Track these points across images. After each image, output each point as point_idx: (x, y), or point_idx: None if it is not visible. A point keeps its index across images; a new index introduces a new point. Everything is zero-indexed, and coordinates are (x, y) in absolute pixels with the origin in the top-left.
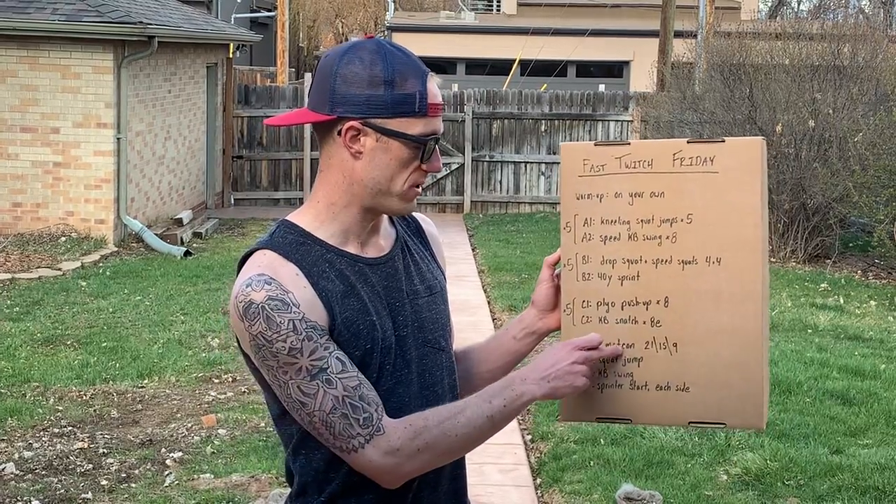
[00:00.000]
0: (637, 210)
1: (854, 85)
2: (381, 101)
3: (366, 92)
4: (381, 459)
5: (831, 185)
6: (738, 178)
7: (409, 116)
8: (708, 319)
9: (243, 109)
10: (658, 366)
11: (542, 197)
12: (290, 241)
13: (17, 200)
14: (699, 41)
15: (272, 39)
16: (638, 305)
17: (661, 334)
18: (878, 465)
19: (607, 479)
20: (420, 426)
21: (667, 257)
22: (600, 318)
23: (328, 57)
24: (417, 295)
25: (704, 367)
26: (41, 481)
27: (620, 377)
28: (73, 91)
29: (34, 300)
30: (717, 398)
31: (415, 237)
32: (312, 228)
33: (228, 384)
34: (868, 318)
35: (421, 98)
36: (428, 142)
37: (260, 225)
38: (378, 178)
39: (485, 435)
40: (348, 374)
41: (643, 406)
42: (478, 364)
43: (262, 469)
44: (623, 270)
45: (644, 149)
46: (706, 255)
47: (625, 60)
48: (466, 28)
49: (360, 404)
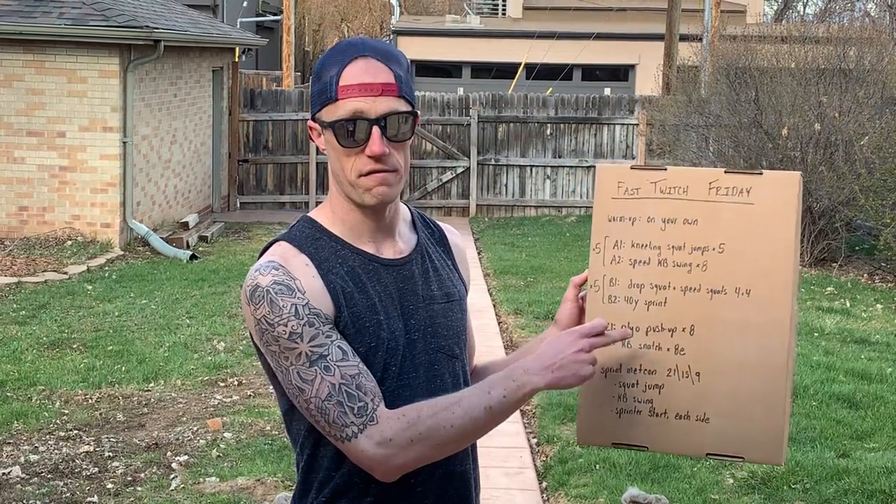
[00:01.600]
0: (669, 236)
1: (860, 88)
2: (314, 95)
3: (314, 88)
4: (374, 450)
5: (837, 189)
6: (774, 212)
7: (329, 104)
8: (733, 350)
9: (249, 113)
10: (679, 394)
11: (547, 200)
12: (306, 234)
13: (23, 204)
14: (705, 44)
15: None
16: (663, 332)
17: (685, 362)
18: (885, 468)
19: (613, 482)
20: (413, 417)
21: (696, 285)
22: (623, 343)
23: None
24: (434, 300)
25: (726, 398)
26: (47, 485)
27: (640, 403)
28: (79, 95)
29: (40, 304)
30: (737, 431)
31: (438, 245)
32: (328, 224)
33: (234, 388)
34: (874, 321)
35: (331, 83)
36: (337, 125)
37: (266, 228)
38: (335, 171)
39: (483, 427)
40: (348, 362)
41: (661, 434)
42: None
43: (267, 473)
44: (650, 296)
45: (680, 175)
46: (736, 286)
47: (630, 64)
48: (472, 32)
49: (356, 393)
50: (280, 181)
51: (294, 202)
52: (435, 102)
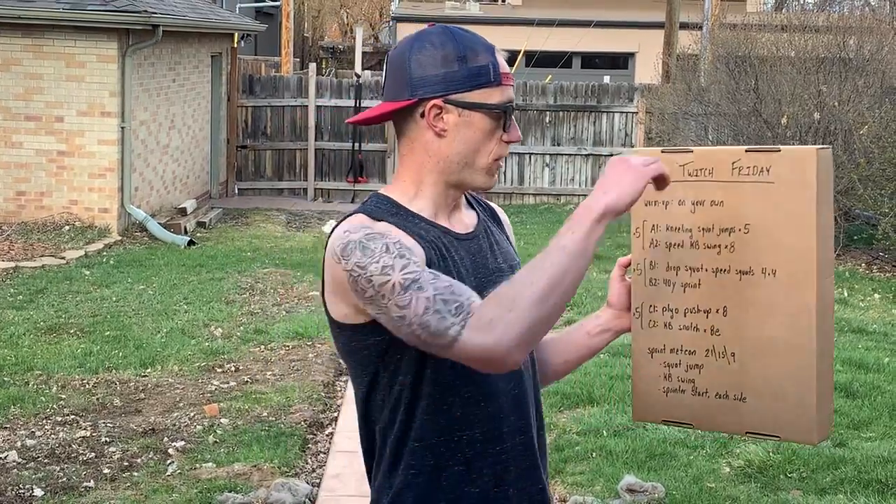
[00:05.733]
0: (698, 218)
1: (860, 77)
2: (458, 77)
3: (441, 70)
4: (482, 337)
5: (836, 178)
6: (793, 189)
7: (485, 87)
8: (763, 331)
9: (248, 99)
10: (717, 374)
11: (546, 188)
12: (383, 208)
13: (21, 189)
14: (705, 33)
15: (277, 29)
16: (699, 313)
17: (721, 343)
18: (881, 458)
19: (609, 470)
20: (503, 291)
21: (725, 267)
22: (665, 324)
23: (397, 49)
24: (502, 273)
25: (759, 378)
26: (43, 469)
27: (683, 382)
28: (77, 80)
29: (38, 289)
30: (772, 410)
31: (492, 221)
32: (405, 202)
33: (231, 374)
34: (872, 311)
35: (494, 68)
36: (508, 109)
37: (264, 215)
38: (464, 153)
39: (569, 270)
40: (440, 279)
41: (704, 412)
42: (553, 355)
43: (264, 458)
44: (686, 278)
45: (706, 157)
46: (762, 267)
47: (630, 52)
48: (471, 18)
49: (450, 297)
50: (278, 167)
51: (292, 188)
52: None
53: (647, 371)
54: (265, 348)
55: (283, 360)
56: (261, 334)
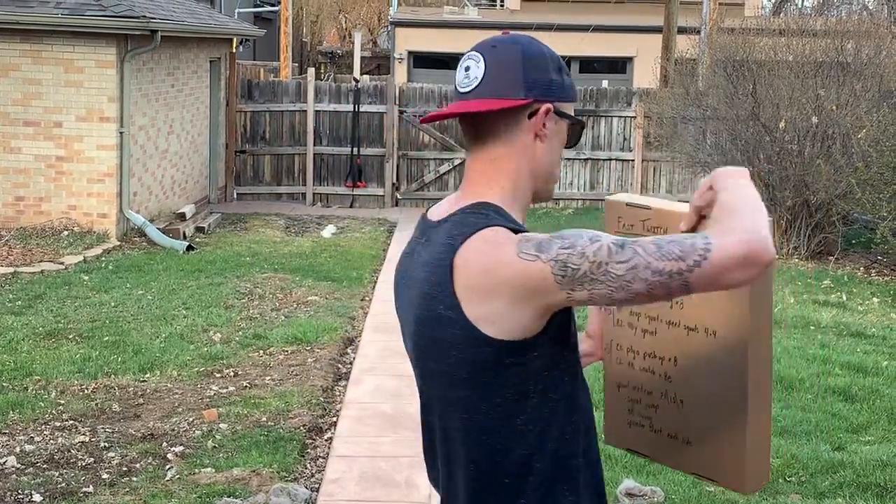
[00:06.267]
0: None
1: (857, 81)
2: (563, 86)
3: (551, 76)
4: (735, 236)
5: (834, 182)
6: None
7: (571, 101)
8: (704, 385)
9: (246, 104)
10: (669, 416)
11: None
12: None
13: (19, 194)
14: (703, 37)
15: (275, 34)
16: (655, 358)
17: (672, 389)
18: (880, 461)
19: (608, 474)
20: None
21: (676, 321)
22: (629, 363)
23: (504, 45)
24: None
25: (701, 426)
26: (42, 475)
27: (643, 418)
28: (76, 85)
29: (36, 294)
30: (710, 456)
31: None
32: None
33: (230, 379)
34: (871, 314)
35: (573, 85)
36: (576, 122)
37: (263, 219)
38: (551, 162)
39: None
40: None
41: (659, 448)
42: None
43: (263, 463)
44: (645, 324)
45: (661, 216)
46: (705, 326)
47: (628, 56)
48: (470, 23)
49: (670, 236)
50: (277, 172)
51: (291, 193)
52: (433, 94)
53: (615, 402)
54: (264, 353)
55: (282, 364)
56: (260, 339)
